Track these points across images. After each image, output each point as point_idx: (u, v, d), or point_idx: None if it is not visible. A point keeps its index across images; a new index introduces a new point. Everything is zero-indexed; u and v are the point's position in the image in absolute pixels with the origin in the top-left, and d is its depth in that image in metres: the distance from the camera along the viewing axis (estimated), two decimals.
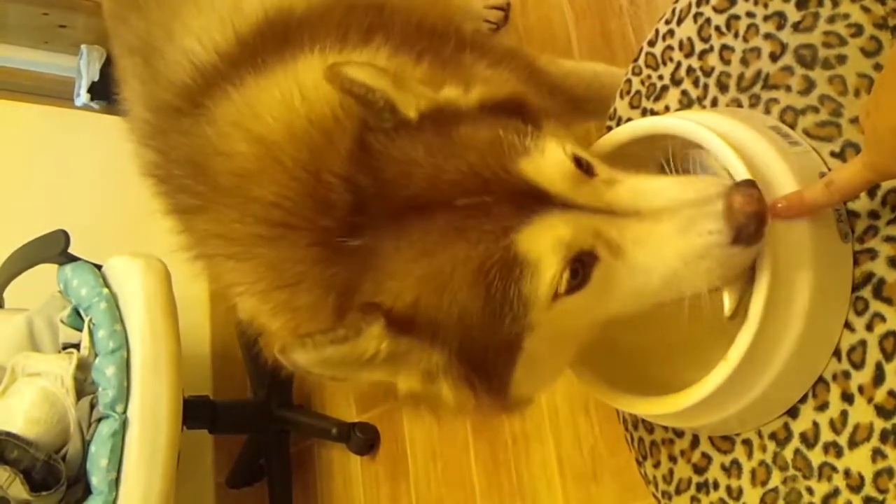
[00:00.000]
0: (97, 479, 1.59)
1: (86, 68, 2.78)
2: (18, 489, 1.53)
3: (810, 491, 0.71)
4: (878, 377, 0.67)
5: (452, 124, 0.74)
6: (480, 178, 0.70)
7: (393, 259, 0.71)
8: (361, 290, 0.73)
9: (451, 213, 0.70)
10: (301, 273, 0.76)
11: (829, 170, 0.72)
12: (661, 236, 0.70)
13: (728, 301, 0.72)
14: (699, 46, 0.86)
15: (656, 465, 0.87)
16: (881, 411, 0.67)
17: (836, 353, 0.71)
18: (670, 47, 0.90)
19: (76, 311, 1.76)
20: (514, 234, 0.68)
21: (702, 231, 0.68)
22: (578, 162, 0.72)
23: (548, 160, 0.71)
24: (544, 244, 0.68)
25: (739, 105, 0.81)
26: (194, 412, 1.94)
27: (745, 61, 0.81)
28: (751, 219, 0.66)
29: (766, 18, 0.79)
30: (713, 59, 0.85)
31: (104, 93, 2.75)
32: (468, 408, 0.77)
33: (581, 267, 0.70)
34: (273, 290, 0.78)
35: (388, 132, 0.74)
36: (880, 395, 0.67)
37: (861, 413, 0.68)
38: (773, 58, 0.78)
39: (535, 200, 0.69)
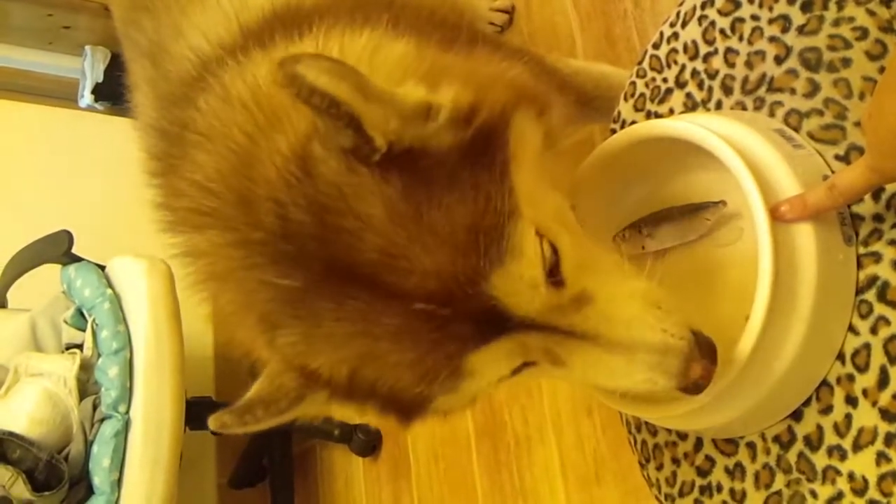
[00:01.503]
0: (99, 479, 1.59)
1: (90, 69, 2.78)
2: (21, 489, 1.53)
3: (814, 494, 0.71)
4: (883, 380, 0.67)
5: (425, 182, 0.64)
6: (446, 288, 0.63)
7: (329, 323, 0.66)
8: (286, 329, 0.69)
9: (405, 311, 0.63)
10: (228, 270, 0.71)
11: (833, 173, 0.72)
12: (608, 367, 0.68)
13: None
14: (704, 49, 0.86)
15: (659, 467, 0.87)
16: (885, 415, 0.66)
17: (840, 357, 0.71)
18: (675, 50, 0.90)
19: (79, 312, 1.76)
20: (468, 356, 0.65)
21: (649, 380, 0.68)
22: (552, 268, 0.67)
23: (521, 276, 0.64)
24: (495, 364, 0.67)
25: (744, 108, 0.81)
26: (197, 413, 1.93)
27: (749, 64, 0.81)
28: (699, 389, 0.68)
29: (770, 21, 0.79)
30: (718, 62, 0.84)
31: (108, 94, 2.76)
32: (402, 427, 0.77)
33: (517, 370, 0.70)
34: (205, 280, 0.76)
35: (345, 156, 0.64)
36: (885, 398, 0.67)
37: (865, 416, 0.68)
38: (778, 61, 0.78)
39: (498, 323, 0.65)
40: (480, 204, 0.64)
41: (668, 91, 0.90)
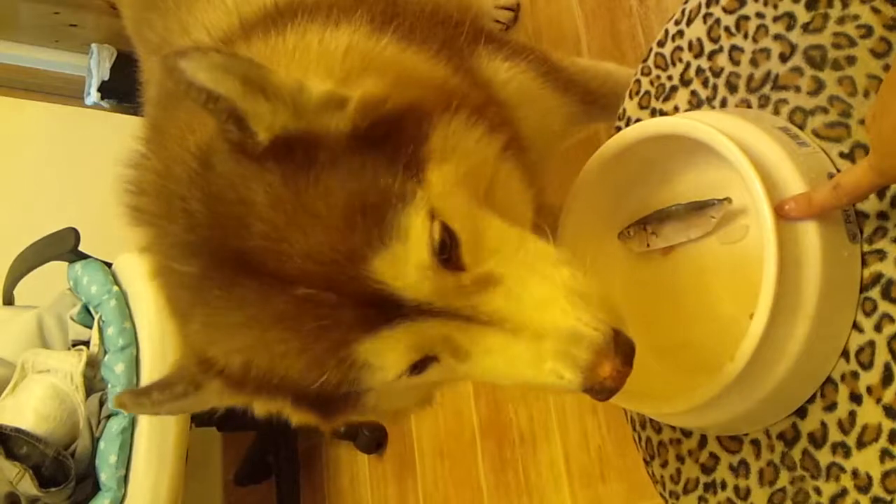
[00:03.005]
0: (106, 475, 1.60)
1: (96, 67, 2.79)
2: (28, 485, 1.54)
3: (818, 491, 0.71)
4: (887, 378, 0.67)
5: (306, 167, 0.63)
6: (327, 272, 0.61)
7: (223, 312, 0.66)
8: (190, 317, 0.70)
9: (289, 297, 0.62)
10: (158, 265, 0.73)
11: (838, 171, 0.72)
12: (512, 355, 0.64)
13: None
14: (709, 47, 0.86)
15: (664, 464, 0.87)
16: (889, 412, 0.67)
17: (845, 354, 0.71)
18: (680, 48, 0.90)
19: (86, 309, 1.77)
20: (356, 345, 0.63)
21: (554, 371, 0.63)
22: (445, 252, 0.64)
23: (407, 258, 0.62)
24: (390, 355, 0.64)
25: (749, 106, 0.81)
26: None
27: (754, 62, 0.81)
28: (606, 391, 0.64)
29: (775, 19, 0.79)
30: (723, 60, 0.85)
31: (114, 92, 2.77)
32: (323, 426, 0.76)
33: (420, 364, 0.67)
34: (152, 276, 0.76)
35: (234, 148, 0.64)
36: (889, 395, 0.67)
37: (869, 414, 0.68)
38: (783, 58, 0.78)
39: (385, 309, 0.62)
40: (365, 183, 0.63)
41: (673, 89, 0.91)
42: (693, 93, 0.88)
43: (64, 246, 1.83)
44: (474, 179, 0.70)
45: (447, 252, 0.64)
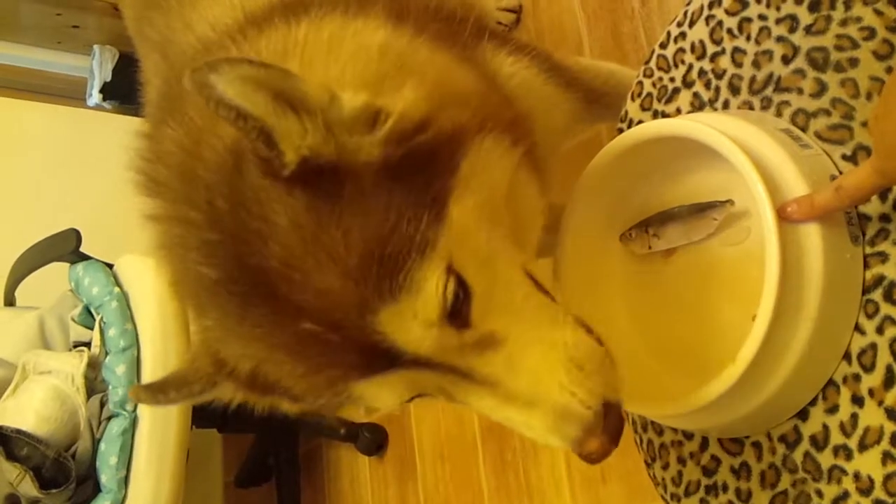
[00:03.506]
0: (106, 477, 1.60)
1: (98, 68, 2.80)
2: (28, 486, 1.54)
3: (820, 494, 0.71)
4: (889, 380, 0.67)
5: (331, 199, 0.61)
6: (333, 313, 0.61)
7: (236, 321, 0.66)
8: (208, 313, 0.70)
9: (294, 330, 0.63)
10: (171, 243, 0.72)
11: (841, 173, 0.72)
12: (503, 415, 0.66)
13: None
14: (711, 49, 0.86)
15: (665, 467, 0.87)
16: (891, 414, 0.66)
17: (847, 356, 0.71)
18: (682, 50, 0.90)
19: (87, 310, 1.77)
20: (352, 383, 0.65)
21: (542, 436, 0.66)
22: (456, 306, 0.63)
23: (415, 315, 0.62)
24: (382, 396, 0.66)
25: (751, 107, 0.81)
26: (203, 411, 1.94)
27: (756, 64, 0.81)
28: (590, 461, 0.66)
29: (778, 21, 0.79)
30: (725, 62, 0.84)
31: (116, 93, 2.77)
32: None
33: (411, 398, 0.69)
34: (156, 248, 0.76)
35: (262, 165, 0.62)
36: (890, 398, 0.67)
37: (871, 416, 0.68)
38: (785, 60, 0.78)
39: (386, 358, 0.63)
40: (386, 229, 0.61)
41: (676, 90, 0.90)
42: (695, 95, 0.88)
43: (65, 247, 1.83)
44: (495, 196, 0.70)
45: (457, 306, 0.64)
